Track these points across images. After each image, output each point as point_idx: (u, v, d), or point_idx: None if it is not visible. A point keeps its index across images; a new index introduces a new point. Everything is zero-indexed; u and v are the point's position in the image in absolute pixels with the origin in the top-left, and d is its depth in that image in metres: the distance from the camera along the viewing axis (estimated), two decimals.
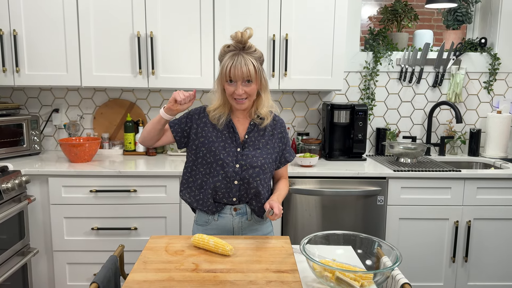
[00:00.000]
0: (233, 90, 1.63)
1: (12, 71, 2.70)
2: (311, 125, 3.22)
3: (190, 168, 1.78)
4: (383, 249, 1.47)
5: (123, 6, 2.67)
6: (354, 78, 3.18)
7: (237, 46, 1.63)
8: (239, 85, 1.62)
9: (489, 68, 3.17)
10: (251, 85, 1.64)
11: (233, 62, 1.60)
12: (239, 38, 1.61)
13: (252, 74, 1.61)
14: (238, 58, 1.60)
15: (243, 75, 1.60)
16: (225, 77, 1.63)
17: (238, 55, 1.61)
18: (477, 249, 2.70)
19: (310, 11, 2.72)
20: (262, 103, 1.72)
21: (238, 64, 1.59)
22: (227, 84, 1.65)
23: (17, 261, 2.39)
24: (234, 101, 1.67)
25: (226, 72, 1.61)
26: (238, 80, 1.61)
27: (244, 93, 1.63)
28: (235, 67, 1.59)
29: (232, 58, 1.61)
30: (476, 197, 2.64)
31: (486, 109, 3.24)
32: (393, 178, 2.61)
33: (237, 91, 1.62)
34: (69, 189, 2.53)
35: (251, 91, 1.65)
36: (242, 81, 1.62)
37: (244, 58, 1.60)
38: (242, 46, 1.63)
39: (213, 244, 1.48)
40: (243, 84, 1.63)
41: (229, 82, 1.64)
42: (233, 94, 1.64)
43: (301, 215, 2.62)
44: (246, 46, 1.63)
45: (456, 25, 3.20)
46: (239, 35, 1.61)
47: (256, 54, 1.65)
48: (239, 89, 1.62)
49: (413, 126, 3.26)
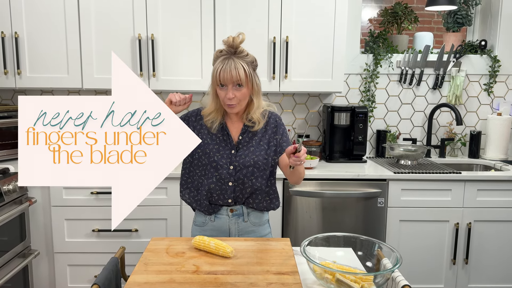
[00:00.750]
0: (224, 94, 1.64)
1: (14, 73, 2.71)
2: (312, 127, 3.23)
3: (188, 169, 1.80)
4: (383, 251, 1.47)
5: (124, 8, 2.68)
6: (354, 80, 3.19)
7: (229, 51, 1.63)
8: (229, 89, 1.62)
9: (489, 70, 3.18)
10: (241, 89, 1.64)
11: (223, 66, 1.60)
12: (231, 43, 1.61)
13: (243, 78, 1.61)
14: (228, 62, 1.61)
15: (232, 79, 1.60)
16: (216, 81, 1.64)
17: (229, 59, 1.61)
18: (477, 251, 2.70)
19: (310, 13, 2.73)
20: (253, 108, 1.71)
21: (228, 67, 1.59)
22: (218, 88, 1.65)
23: (18, 263, 2.40)
24: (226, 106, 1.67)
25: (217, 76, 1.62)
26: (229, 84, 1.61)
27: (234, 98, 1.63)
28: (225, 70, 1.60)
29: (222, 62, 1.61)
30: (476, 199, 2.64)
31: (486, 111, 3.25)
32: (394, 180, 2.61)
33: (228, 95, 1.62)
34: (70, 191, 2.53)
35: (242, 95, 1.65)
36: (233, 85, 1.62)
37: (235, 62, 1.60)
38: (233, 51, 1.63)
39: (214, 246, 1.49)
40: (234, 88, 1.62)
41: (220, 86, 1.64)
42: (224, 99, 1.64)
43: (301, 217, 2.63)
44: (238, 51, 1.63)
45: (456, 27, 3.21)
46: (230, 40, 1.61)
47: (248, 59, 1.65)
48: (230, 93, 1.62)
49: (414, 128, 3.26)
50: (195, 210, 1.85)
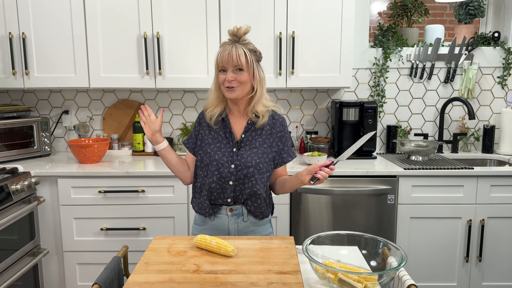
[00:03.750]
0: (224, 78, 1.65)
1: (22, 74, 2.73)
2: (320, 123, 3.19)
3: (195, 173, 1.79)
4: (389, 250, 1.43)
5: (129, 7, 2.68)
6: (363, 75, 3.13)
7: (233, 39, 1.66)
8: (229, 72, 1.64)
9: (503, 63, 3.09)
10: (242, 73, 1.65)
11: (226, 50, 1.64)
12: (235, 32, 1.65)
13: (243, 61, 1.63)
14: (230, 46, 1.64)
15: (233, 61, 1.62)
16: (218, 66, 1.66)
17: (231, 45, 1.65)
18: (491, 248, 2.63)
19: (317, 7, 2.68)
20: (257, 99, 1.71)
21: (229, 51, 1.63)
22: (220, 73, 1.67)
23: (28, 262, 2.42)
24: (225, 90, 1.67)
25: (218, 59, 1.66)
26: (229, 67, 1.63)
27: (234, 81, 1.64)
28: (225, 53, 1.63)
29: (225, 47, 1.65)
30: (489, 195, 2.57)
31: (500, 104, 3.16)
32: (404, 177, 2.56)
33: (227, 77, 1.64)
34: (78, 190, 2.55)
35: (242, 79, 1.65)
36: (233, 69, 1.64)
37: (236, 47, 1.64)
38: (237, 39, 1.66)
39: (216, 244, 1.47)
40: (234, 72, 1.64)
41: (221, 72, 1.66)
42: (224, 82, 1.65)
43: (310, 215, 2.59)
44: (241, 39, 1.66)
45: (468, 19, 3.13)
46: (235, 29, 1.65)
47: (250, 46, 1.67)
48: (229, 75, 1.63)
49: (425, 123, 3.19)
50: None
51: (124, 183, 2.55)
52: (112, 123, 3.16)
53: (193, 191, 1.81)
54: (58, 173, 2.54)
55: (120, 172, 2.54)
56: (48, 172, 2.54)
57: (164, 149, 1.76)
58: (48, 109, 3.16)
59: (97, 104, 3.16)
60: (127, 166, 2.66)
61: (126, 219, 2.58)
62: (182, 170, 1.81)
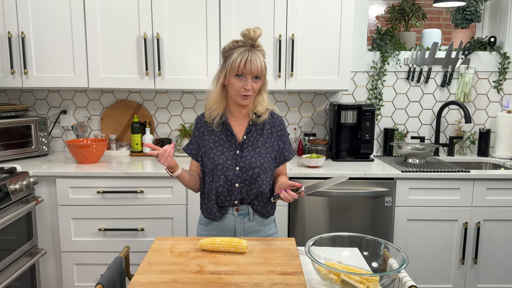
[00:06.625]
0: (241, 85, 1.62)
1: (21, 73, 2.72)
2: (318, 125, 3.21)
3: (202, 180, 1.79)
4: (390, 251, 1.45)
5: (129, 8, 2.68)
6: (361, 78, 3.16)
7: (247, 43, 1.63)
8: (249, 81, 1.62)
9: (499, 67, 3.13)
10: (258, 82, 1.65)
11: (247, 57, 1.60)
12: (252, 35, 1.61)
13: (264, 71, 1.64)
14: (251, 53, 1.61)
15: (257, 70, 1.61)
16: (236, 71, 1.61)
17: (250, 51, 1.61)
18: (486, 250, 2.66)
19: (316, 10, 2.70)
20: (260, 101, 1.72)
21: (253, 59, 1.60)
22: (235, 78, 1.63)
23: (25, 262, 2.41)
24: (240, 97, 1.65)
25: (240, 66, 1.60)
26: (249, 75, 1.61)
27: (251, 90, 1.64)
28: (251, 62, 1.59)
29: (244, 53, 1.60)
30: (485, 198, 2.60)
31: (496, 108, 3.20)
32: (401, 179, 2.58)
33: (247, 86, 1.62)
34: (77, 190, 2.54)
35: (257, 87, 1.66)
36: (252, 77, 1.62)
37: (257, 54, 1.62)
38: (252, 43, 1.63)
39: (228, 241, 1.50)
40: (252, 80, 1.63)
41: (238, 76, 1.62)
42: (240, 89, 1.63)
43: (307, 216, 2.61)
44: (256, 44, 1.64)
45: (465, 24, 3.17)
46: (251, 32, 1.61)
47: (263, 53, 1.67)
48: (249, 84, 1.62)
49: (422, 126, 3.22)
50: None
51: (122, 183, 2.54)
52: (110, 124, 3.15)
53: (201, 197, 1.81)
54: (56, 173, 2.53)
55: (119, 172, 2.53)
56: (47, 172, 2.53)
57: (179, 175, 1.71)
58: (46, 108, 3.15)
59: (95, 104, 3.16)
60: (126, 167, 2.66)
61: (124, 219, 2.57)
62: (194, 183, 1.80)
